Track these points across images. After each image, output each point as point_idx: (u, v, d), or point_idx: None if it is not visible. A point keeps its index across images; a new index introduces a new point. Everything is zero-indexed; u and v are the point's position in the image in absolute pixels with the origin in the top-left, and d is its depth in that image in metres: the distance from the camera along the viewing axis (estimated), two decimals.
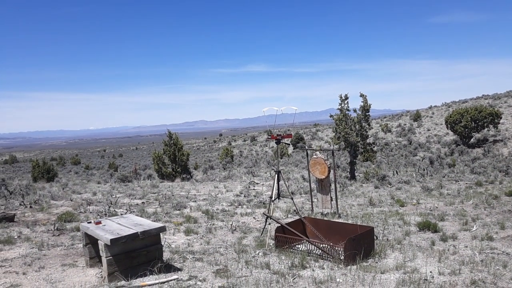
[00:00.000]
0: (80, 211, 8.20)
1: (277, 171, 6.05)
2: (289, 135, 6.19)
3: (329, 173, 7.32)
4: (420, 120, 46.05)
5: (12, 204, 9.04)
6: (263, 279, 3.88)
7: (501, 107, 38.46)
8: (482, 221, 6.55)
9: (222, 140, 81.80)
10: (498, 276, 3.89)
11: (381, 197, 9.29)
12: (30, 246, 5.62)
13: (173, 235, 6.18)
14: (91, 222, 4.59)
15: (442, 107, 52.07)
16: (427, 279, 3.82)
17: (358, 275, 3.97)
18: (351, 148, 13.47)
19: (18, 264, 4.86)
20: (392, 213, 7.41)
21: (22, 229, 6.71)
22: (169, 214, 7.90)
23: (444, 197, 9.06)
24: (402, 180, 12.00)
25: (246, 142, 64.42)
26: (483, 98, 49.90)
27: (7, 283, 4.22)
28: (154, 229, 4.29)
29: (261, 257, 4.80)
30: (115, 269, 3.99)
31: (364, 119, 13.73)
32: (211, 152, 53.52)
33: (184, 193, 11.08)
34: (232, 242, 5.68)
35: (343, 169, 16.63)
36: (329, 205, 7.44)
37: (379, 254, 4.72)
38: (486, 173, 13.41)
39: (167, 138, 16.91)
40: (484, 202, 8.07)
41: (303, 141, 42.42)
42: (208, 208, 8.48)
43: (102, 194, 11.14)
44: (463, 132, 28.09)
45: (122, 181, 15.36)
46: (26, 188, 11.22)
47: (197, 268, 4.40)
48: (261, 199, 9.39)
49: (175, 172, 16.30)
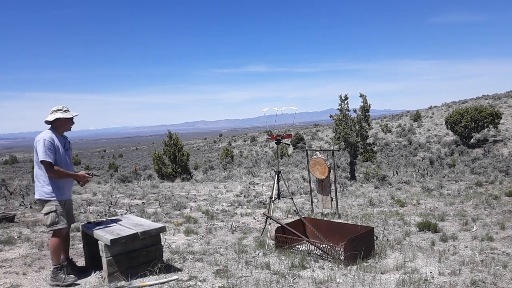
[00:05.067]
0: (80, 212, 8.20)
1: (277, 171, 6.05)
2: (289, 136, 6.19)
3: (329, 173, 7.32)
4: (420, 120, 46.08)
5: (12, 204, 9.04)
6: (263, 280, 3.88)
7: (501, 107, 38.47)
8: (482, 221, 6.55)
9: (222, 141, 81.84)
10: (498, 277, 3.89)
11: (381, 197, 9.29)
12: (30, 246, 5.62)
13: (173, 236, 6.18)
14: (91, 223, 4.59)
15: (442, 107, 52.10)
16: (427, 279, 3.82)
17: (358, 275, 3.97)
18: (351, 149, 13.48)
19: (18, 264, 4.86)
20: (392, 213, 7.42)
21: (22, 229, 6.71)
22: (169, 215, 7.90)
23: (444, 197, 9.06)
24: (402, 180, 12.00)
25: (246, 142, 64.46)
26: (483, 98, 49.94)
27: (7, 283, 4.23)
28: (154, 229, 4.29)
29: (261, 257, 4.80)
30: (115, 270, 3.99)
31: (364, 119, 13.73)
32: (211, 153, 53.54)
33: (184, 193, 11.08)
34: (232, 242, 5.68)
35: (343, 169, 16.63)
36: (329, 206, 7.44)
37: (379, 255, 4.72)
38: (486, 173, 13.41)
39: (167, 138, 16.91)
40: (484, 202, 8.07)
41: (303, 141, 42.43)
42: (208, 208, 8.48)
43: (102, 194, 11.14)
44: (463, 132, 28.09)
45: (122, 181, 15.37)
46: (26, 188, 11.21)
47: (197, 269, 4.40)
48: (261, 200, 9.39)
49: (175, 172, 16.30)
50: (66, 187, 4.25)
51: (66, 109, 4.26)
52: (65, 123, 4.24)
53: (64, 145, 4.23)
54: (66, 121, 4.24)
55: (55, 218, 4.10)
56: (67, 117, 4.21)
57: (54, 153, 4.07)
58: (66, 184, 4.26)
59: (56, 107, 4.25)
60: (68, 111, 4.27)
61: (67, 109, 4.28)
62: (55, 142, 4.11)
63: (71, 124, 4.32)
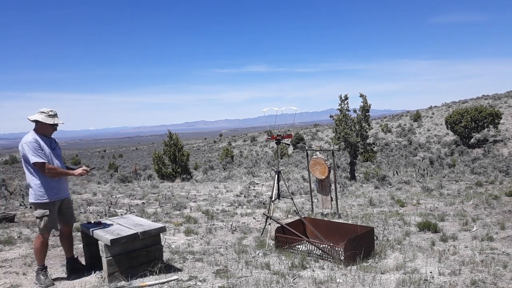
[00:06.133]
0: (80, 212, 8.21)
1: (277, 171, 6.05)
2: (289, 136, 6.19)
3: (329, 173, 7.32)
4: (420, 120, 46.08)
5: (12, 204, 9.05)
6: (263, 280, 3.88)
7: (501, 107, 38.49)
8: (482, 221, 6.55)
9: (222, 141, 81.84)
10: (498, 277, 3.89)
11: (381, 197, 9.29)
12: (30, 246, 5.62)
13: (173, 236, 6.18)
14: (91, 223, 4.60)
15: (442, 107, 52.11)
16: (427, 279, 3.81)
17: (358, 275, 3.97)
18: (351, 149, 13.47)
19: (18, 264, 4.86)
20: (392, 213, 7.42)
21: (22, 229, 6.72)
22: (169, 215, 7.90)
23: (444, 197, 9.06)
24: (402, 180, 12.00)
25: (246, 142, 64.45)
26: (483, 98, 49.95)
27: (7, 283, 4.23)
28: (154, 229, 4.29)
29: (261, 257, 4.80)
30: (115, 270, 3.99)
31: (364, 119, 13.73)
32: (211, 153, 53.53)
33: (184, 193, 11.08)
34: (232, 242, 5.68)
35: (343, 169, 16.63)
36: (329, 206, 7.44)
37: (379, 255, 4.72)
38: (486, 173, 13.41)
39: (167, 138, 16.91)
40: (484, 202, 8.07)
41: (303, 141, 42.43)
42: (208, 208, 8.48)
43: (102, 194, 11.15)
44: (463, 132, 28.10)
45: (122, 181, 15.37)
46: (26, 188, 11.19)
47: (197, 269, 4.40)
48: (261, 200, 9.39)
49: (175, 172, 16.30)
50: (60, 186, 4.22)
51: (52, 114, 4.14)
52: (44, 127, 4.14)
53: (50, 144, 4.19)
54: (46, 126, 4.13)
55: (48, 223, 4.12)
56: (47, 122, 4.10)
57: (43, 153, 4.05)
58: (60, 183, 4.22)
59: (44, 108, 4.15)
60: (53, 116, 4.15)
61: (54, 114, 4.16)
62: (41, 143, 4.07)
63: (51, 129, 4.20)
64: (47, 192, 4.08)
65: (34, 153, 3.98)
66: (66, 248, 4.49)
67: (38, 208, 4.10)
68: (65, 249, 4.51)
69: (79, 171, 4.28)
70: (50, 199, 4.11)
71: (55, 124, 4.19)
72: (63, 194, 4.29)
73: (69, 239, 4.53)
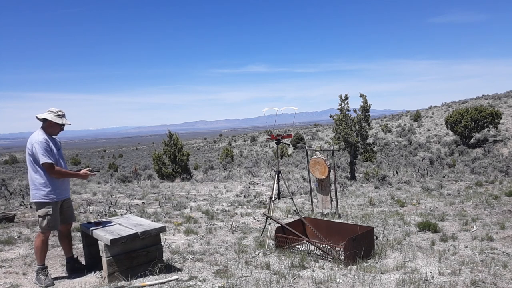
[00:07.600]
0: (80, 211, 8.21)
1: (277, 171, 6.05)
2: (289, 135, 6.19)
3: (329, 173, 7.32)
4: (420, 120, 46.09)
5: (12, 204, 9.04)
6: (263, 280, 3.87)
7: (501, 107, 38.49)
8: (482, 221, 6.55)
9: (222, 140, 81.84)
10: (498, 277, 3.89)
11: (381, 197, 9.29)
12: (30, 246, 5.62)
13: (173, 236, 6.18)
14: (91, 222, 4.60)
15: (442, 107, 52.11)
16: (427, 279, 3.81)
17: (358, 275, 3.97)
18: (351, 148, 13.47)
19: (18, 264, 4.86)
20: (392, 213, 7.41)
21: (22, 229, 6.72)
22: (169, 215, 7.90)
23: (444, 197, 9.06)
24: (402, 180, 12.00)
25: (246, 142, 64.45)
26: (483, 98, 49.95)
27: (7, 283, 4.23)
28: (154, 229, 4.29)
29: (261, 257, 4.80)
30: (115, 270, 3.99)
31: (364, 119, 13.73)
32: (211, 152, 53.53)
33: (184, 193, 11.08)
34: (232, 242, 5.68)
35: (343, 169, 16.63)
36: (329, 205, 7.44)
37: (379, 255, 4.72)
38: (486, 173, 13.41)
39: (167, 138, 16.91)
40: (484, 202, 8.07)
41: (303, 141, 42.43)
42: (208, 208, 8.48)
43: (102, 194, 11.15)
44: (463, 132, 28.09)
45: (122, 181, 15.37)
46: (26, 188, 11.20)
47: (197, 269, 4.40)
48: (261, 199, 9.39)
49: (175, 172, 16.30)
50: (63, 186, 4.27)
51: (61, 114, 4.20)
52: (53, 126, 4.19)
53: (55, 144, 4.24)
54: (54, 125, 4.19)
55: (50, 222, 4.13)
56: (56, 121, 4.15)
57: (52, 153, 4.09)
58: (63, 183, 4.27)
59: (53, 108, 4.22)
60: (62, 116, 4.22)
61: (63, 114, 4.23)
62: (50, 143, 4.12)
63: (58, 129, 4.25)
64: (51, 191, 4.11)
65: (44, 153, 4.02)
66: (66, 248, 4.51)
67: (41, 207, 4.11)
68: (65, 249, 4.52)
69: (83, 171, 4.32)
70: (54, 199, 4.14)
71: (63, 124, 4.25)
72: (65, 194, 4.34)
73: (69, 239, 4.54)
